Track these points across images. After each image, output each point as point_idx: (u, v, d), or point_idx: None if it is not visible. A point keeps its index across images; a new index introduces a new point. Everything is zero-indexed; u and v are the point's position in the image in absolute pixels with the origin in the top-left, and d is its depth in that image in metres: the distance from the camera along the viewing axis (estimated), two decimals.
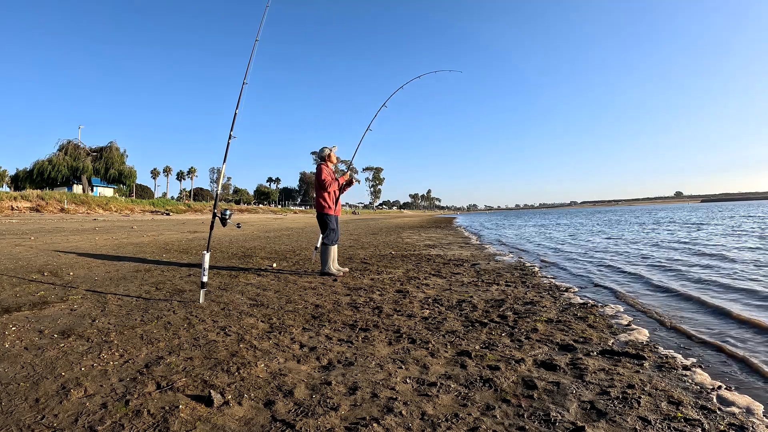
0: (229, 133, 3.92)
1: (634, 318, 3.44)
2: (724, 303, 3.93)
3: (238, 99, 4.04)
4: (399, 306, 3.67)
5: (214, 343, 2.58)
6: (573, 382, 2.09)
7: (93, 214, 28.69)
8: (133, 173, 47.07)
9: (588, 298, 4.21)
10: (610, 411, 1.79)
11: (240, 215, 44.00)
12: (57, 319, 3.07)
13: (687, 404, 1.87)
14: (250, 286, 4.53)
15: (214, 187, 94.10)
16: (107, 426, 1.61)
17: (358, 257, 7.49)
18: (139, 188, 72.27)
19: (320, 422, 1.66)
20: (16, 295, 3.84)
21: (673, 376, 2.21)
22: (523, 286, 4.77)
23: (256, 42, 4.33)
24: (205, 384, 1.99)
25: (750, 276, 5.32)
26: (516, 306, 3.71)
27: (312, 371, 2.19)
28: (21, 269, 5.25)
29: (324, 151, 5.35)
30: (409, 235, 14.33)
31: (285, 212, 62.86)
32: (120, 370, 2.14)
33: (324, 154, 5.35)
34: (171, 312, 3.33)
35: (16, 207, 26.16)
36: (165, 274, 5.20)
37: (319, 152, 5.42)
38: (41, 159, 42.09)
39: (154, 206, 38.58)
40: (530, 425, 1.68)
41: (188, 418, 1.68)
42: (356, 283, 4.82)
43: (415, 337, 2.77)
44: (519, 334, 2.86)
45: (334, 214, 5.34)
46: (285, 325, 3.04)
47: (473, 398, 1.91)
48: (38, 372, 2.10)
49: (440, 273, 5.62)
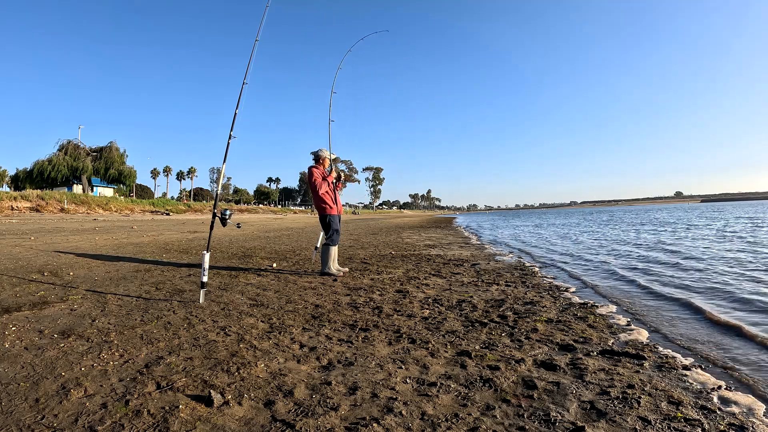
0: (229, 133, 3.93)
1: (600, 299, 3.45)
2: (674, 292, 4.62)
3: (238, 99, 4.04)
4: (399, 306, 3.67)
5: (214, 343, 2.58)
6: (573, 382, 2.09)
7: (93, 214, 28.69)
8: (133, 173, 47.05)
9: (582, 295, 4.22)
10: (610, 411, 1.79)
11: (240, 215, 43.99)
12: (57, 319, 3.07)
13: (687, 404, 1.87)
14: (250, 286, 4.53)
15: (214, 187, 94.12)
16: (107, 426, 1.61)
17: (358, 257, 7.49)
18: (139, 188, 72.28)
19: (320, 422, 1.66)
20: (16, 295, 3.84)
21: (673, 376, 2.21)
22: (523, 286, 4.77)
23: (256, 42, 4.33)
24: (205, 384, 1.99)
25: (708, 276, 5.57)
26: (516, 306, 3.71)
27: (312, 371, 2.19)
28: (21, 269, 5.25)
29: (319, 153, 5.33)
30: (409, 235, 14.33)
31: (285, 212, 62.87)
32: (120, 370, 2.14)
33: (319, 157, 5.33)
34: (171, 312, 3.33)
35: (16, 207, 26.16)
36: (165, 274, 5.20)
37: (315, 154, 5.40)
38: (41, 159, 42.11)
39: (154, 206, 38.58)
40: (530, 425, 1.68)
41: (188, 418, 1.68)
42: (356, 283, 4.82)
43: (415, 337, 2.77)
44: (519, 334, 2.86)
45: (336, 213, 5.34)
46: (285, 325, 3.04)
47: (473, 398, 1.91)
48: (38, 372, 2.10)
49: (440, 273, 5.62)
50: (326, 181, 5.28)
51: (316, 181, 5.22)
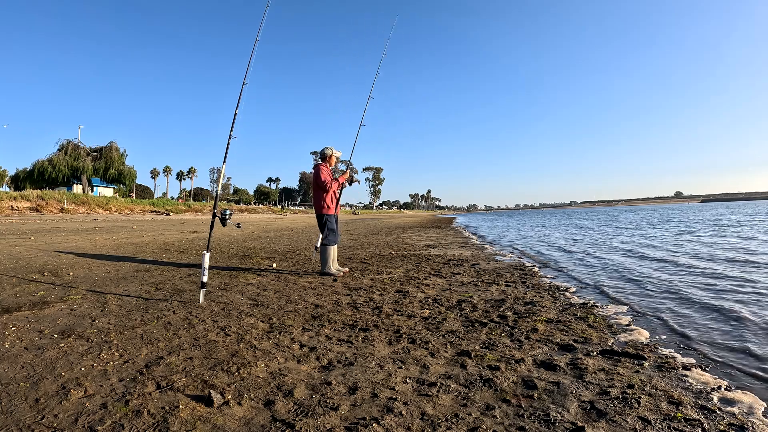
0: (229, 133, 3.93)
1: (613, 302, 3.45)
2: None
3: (238, 99, 4.04)
4: (399, 306, 3.67)
5: (214, 343, 2.58)
6: (573, 382, 2.09)
7: (93, 214, 28.69)
8: (132, 173, 47.05)
9: (584, 296, 4.21)
10: (610, 411, 1.79)
11: (240, 215, 43.99)
12: (57, 319, 3.07)
13: (687, 404, 1.87)
14: (250, 286, 4.53)
15: (214, 187, 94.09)
16: (107, 426, 1.61)
17: (358, 257, 7.49)
18: (139, 188, 72.27)
19: (320, 422, 1.66)
20: (16, 295, 3.84)
21: (673, 376, 2.21)
22: (523, 286, 4.77)
23: (256, 42, 4.33)
24: (205, 384, 1.99)
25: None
26: (516, 306, 3.71)
27: (312, 371, 2.19)
28: (21, 269, 5.25)
29: (326, 151, 5.34)
30: (409, 235, 14.33)
31: (285, 212, 62.87)
32: (120, 370, 2.14)
33: (326, 154, 5.33)
34: (171, 312, 3.33)
35: (16, 207, 26.16)
36: (165, 274, 5.20)
37: (320, 152, 5.40)
38: (41, 159, 42.08)
39: (154, 206, 38.58)
40: (530, 425, 1.68)
41: (188, 418, 1.68)
42: (356, 283, 4.82)
43: (415, 337, 2.77)
44: (519, 334, 2.86)
45: (334, 214, 5.34)
46: (285, 325, 3.04)
47: (473, 398, 1.91)
48: (38, 372, 2.10)
49: (440, 273, 5.62)
50: (337, 181, 5.26)
51: (326, 180, 5.15)
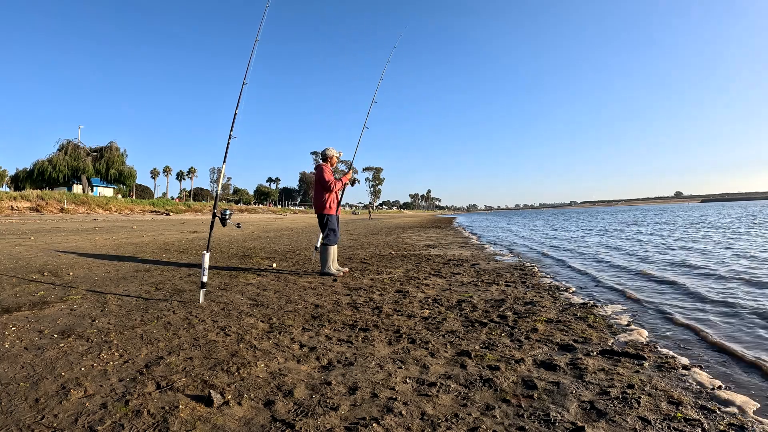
0: (229, 133, 3.93)
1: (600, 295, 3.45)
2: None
3: (238, 99, 4.04)
4: (399, 306, 3.67)
5: (214, 343, 2.58)
6: (573, 382, 2.09)
7: (93, 214, 28.69)
8: (133, 173, 47.01)
9: (583, 296, 4.21)
10: (610, 411, 1.79)
11: (240, 215, 43.98)
12: (57, 319, 3.07)
13: (687, 404, 1.87)
14: (250, 286, 4.53)
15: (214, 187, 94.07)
16: (107, 426, 1.61)
17: (358, 257, 7.49)
18: (139, 188, 72.26)
19: (320, 422, 1.66)
20: (16, 295, 3.84)
21: (673, 376, 2.21)
22: (522, 286, 4.77)
23: (256, 42, 4.33)
24: (205, 384, 1.99)
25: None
26: (516, 306, 3.71)
27: (312, 371, 2.19)
28: (21, 269, 5.25)
29: (327, 152, 5.35)
30: (409, 235, 14.32)
31: (285, 212, 62.85)
32: (120, 370, 2.14)
33: (327, 155, 5.35)
34: (171, 312, 3.33)
35: (16, 207, 26.15)
36: (165, 274, 5.20)
37: (322, 152, 5.44)
38: (41, 159, 42.03)
39: (154, 206, 38.55)
40: (530, 425, 1.68)
41: (188, 418, 1.68)
42: (356, 283, 4.82)
43: (415, 337, 2.77)
44: (519, 334, 2.86)
45: (335, 214, 5.35)
46: (285, 325, 3.04)
47: (473, 398, 1.91)
48: (38, 372, 2.10)
49: (440, 273, 5.62)
50: (340, 181, 5.31)
51: (330, 180, 5.18)
